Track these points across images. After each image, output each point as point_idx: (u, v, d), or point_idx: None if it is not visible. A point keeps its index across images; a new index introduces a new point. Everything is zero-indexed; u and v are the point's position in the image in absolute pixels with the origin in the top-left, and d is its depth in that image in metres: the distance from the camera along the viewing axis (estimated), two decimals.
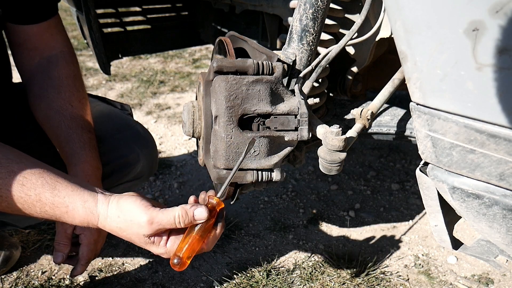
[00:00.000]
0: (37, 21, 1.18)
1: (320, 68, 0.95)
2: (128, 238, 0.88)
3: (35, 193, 0.86)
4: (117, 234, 0.89)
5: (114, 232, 0.89)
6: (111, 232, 0.89)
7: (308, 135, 0.88)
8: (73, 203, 0.87)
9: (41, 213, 0.88)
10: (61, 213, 0.87)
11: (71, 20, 5.10)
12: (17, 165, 0.87)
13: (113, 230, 0.88)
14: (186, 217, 0.86)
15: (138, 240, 0.87)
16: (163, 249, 0.88)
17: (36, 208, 0.87)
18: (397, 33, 0.68)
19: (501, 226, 0.72)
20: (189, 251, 0.85)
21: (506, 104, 0.60)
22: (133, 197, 0.88)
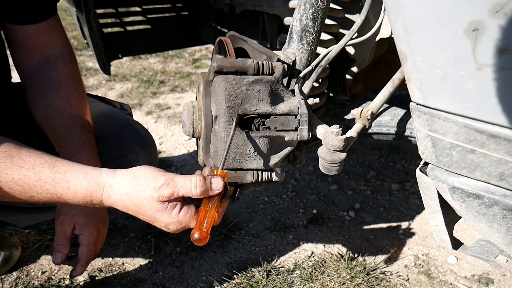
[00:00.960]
0: (35, 21, 1.18)
1: (320, 68, 0.95)
2: (138, 205, 0.82)
3: (34, 172, 0.83)
4: (124, 204, 0.84)
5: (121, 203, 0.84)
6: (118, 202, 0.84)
7: (308, 135, 0.88)
8: (75, 177, 0.84)
9: (42, 192, 0.84)
10: (62, 189, 0.84)
11: (71, 20, 5.10)
12: (14, 149, 0.85)
13: (120, 199, 0.83)
14: (204, 184, 0.81)
15: (149, 205, 0.82)
16: (175, 218, 0.84)
17: (36, 188, 0.84)
18: (397, 33, 0.68)
19: (501, 226, 0.72)
20: (209, 225, 0.82)
21: (506, 104, 0.60)
22: (147, 166, 0.86)
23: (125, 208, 0.84)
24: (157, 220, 0.85)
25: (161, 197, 0.81)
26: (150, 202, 0.82)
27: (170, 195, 0.82)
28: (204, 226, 0.82)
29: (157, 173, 0.83)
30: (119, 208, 0.85)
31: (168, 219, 0.84)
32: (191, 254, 1.65)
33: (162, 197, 0.81)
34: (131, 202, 0.83)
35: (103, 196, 0.84)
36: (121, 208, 0.84)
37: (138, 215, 0.85)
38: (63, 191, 0.84)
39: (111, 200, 0.84)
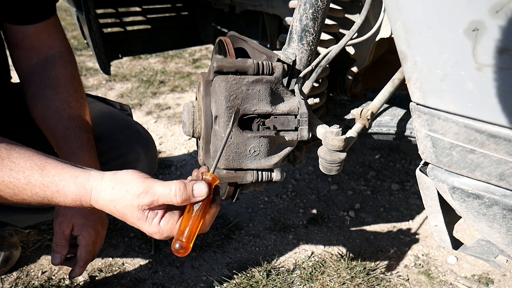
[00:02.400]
0: (34, 22, 1.18)
1: (320, 68, 0.95)
2: (121, 213, 0.81)
3: (24, 175, 0.83)
4: (110, 210, 0.82)
5: (107, 208, 0.82)
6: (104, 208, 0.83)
7: (308, 135, 0.88)
8: (63, 181, 0.83)
9: (32, 196, 0.84)
10: (52, 193, 0.83)
11: (71, 20, 5.10)
12: (5, 151, 0.84)
13: (106, 205, 0.82)
14: (184, 192, 0.78)
15: (130, 213, 0.80)
16: (155, 228, 0.81)
17: (26, 191, 0.84)
18: (397, 33, 0.68)
19: (501, 226, 0.72)
20: (192, 234, 0.78)
21: (506, 104, 0.60)
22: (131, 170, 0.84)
23: (112, 213, 0.83)
24: (141, 228, 0.83)
25: (140, 206, 0.79)
26: (131, 210, 0.80)
27: (150, 203, 0.79)
28: (185, 235, 0.77)
29: (138, 179, 0.80)
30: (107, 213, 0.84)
31: (149, 228, 0.81)
32: (191, 254, 1.65)
33: (141, 206, 0.79)
34: (115, 209, 0.81)
35: (91, 201, 0.83)
36: (108, 212, 0.83)
37: (124, 220, 0.83)
38: (53, 195, 0.84)
39: (99, 205, 0.83)
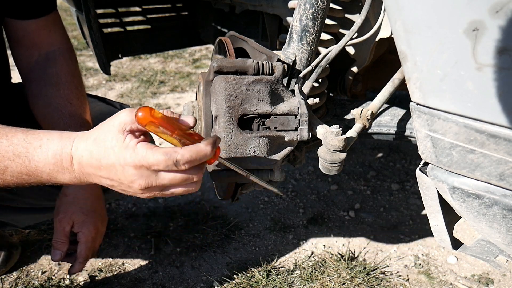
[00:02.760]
0: (35, 16, 1.18)
1: (320, 68, 0.95)
2: (100, 149, 0.72)
3: (7, 138, 0.79)
4: (89, 153, 0.74)
5: (87, 153, 0.74)
6: (82, 154, 0.74)
7: (308, 135, 0.88)
8: (48, 135, 0.78)
9: (14, 159, 0.78)
10: (34, 149, 0.77)
11: (71, 20, 5.10)
12: None
13: (85, 149, 0.74)
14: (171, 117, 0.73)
15: (110, 145, 0.72)
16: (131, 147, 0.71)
17: (9, 154, 0.78)
18: (397, 33, 0.68)
19: (501, 226, 0.72)
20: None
21: (506, 104, 0.60)
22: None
23: (90, 158, 0.73)
24: (125, 160, 0.71)
25: (122, 125, 0.72)
26: (111, 134, 0.72)
27: (132, 121, 0.72)
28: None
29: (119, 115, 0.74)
30: (84, 166, 0.75)
31: (124, 153, 0.71)
32: (191, 254, 1.65)
33: (123, 125, 0.72)
34: (96, 147, 0.73)
35: (72, 150, 0.75)
36: (87, 161, 0.74)
37: (102, 168, 0.73)
38: (34, 152, 0.77)
39: (78, 152, 0.75)
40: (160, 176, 0.71)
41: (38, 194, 1.37)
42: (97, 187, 1.20)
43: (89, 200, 1.15)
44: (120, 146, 0.71)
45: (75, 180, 0.79)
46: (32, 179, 0.80)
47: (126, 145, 0.71)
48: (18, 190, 1.34)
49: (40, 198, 1.38)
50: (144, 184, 0.71)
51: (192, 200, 1.98)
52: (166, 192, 0.75)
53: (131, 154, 0.70)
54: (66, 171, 0.77)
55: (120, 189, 0.77)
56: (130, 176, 0.71)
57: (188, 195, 2.01)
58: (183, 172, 0.72)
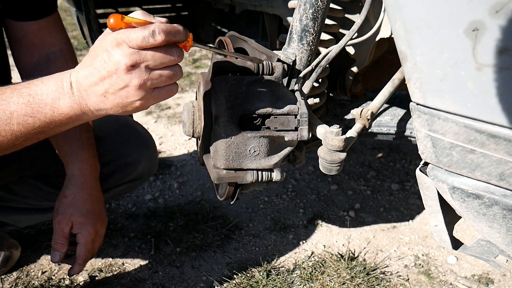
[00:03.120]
0: (36, 18, 1.18)
1: (320, 68, 0.95)
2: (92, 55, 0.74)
3: (10, 88, 0.80)
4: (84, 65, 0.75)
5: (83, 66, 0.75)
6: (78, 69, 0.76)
7: (308, 135, 0.88)
8: (49, 75, 0.80)
9: (18, 101, 0.79)
10: (36, 85, 0.79)
11: (71, 20, 5.10)
12: None
13: (81, 64, 0.76)
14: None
15: (96, 45, 0.74)
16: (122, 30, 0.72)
17: (13, 97, 0.79)
18: (397, 33, 0.68)
19: (501, 226, 0.72)
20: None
21: (506, 104, 0.60)
22: None
23: (84, 68, 0.75)
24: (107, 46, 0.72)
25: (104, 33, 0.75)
26: (98, 42, 0.74)
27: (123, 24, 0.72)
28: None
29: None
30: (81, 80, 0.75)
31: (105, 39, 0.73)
32: (191, 254, 1.65)
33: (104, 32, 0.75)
34: (87, 57, 0.76)
35: (71, 74, 0.77)
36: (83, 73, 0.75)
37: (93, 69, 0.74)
38: (37, 87, 0.79)
39: (76, 72, 0.76)
40: (142, 53, 0.72)
41: (38, 195, 1.37)
42: (97, 189, 1.19)
43: (88, 201, 1.15)
44: (103, 38, 0.73)
45: (75, 105, 0.77)
46: (36, 121, 0.80)
47: (107, 34, 0.73)
48: (19, 190, 1.34)
49: (40, 199, 1.38)
50: (129, 61, 0.71)
51: (192, 200, 1.98)
52: (154, 74, 0.74)
53: (112, 36, 0.72)
54: (66, 95, 0.77)
55: (111, 88, 0.74)
56: (115, 57, 0.71)
57: (188, 195, 2.01)
58: (163, 49, 0.73)
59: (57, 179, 1.32)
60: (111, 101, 0.75)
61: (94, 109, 0.77)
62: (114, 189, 1.40)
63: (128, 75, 0.72)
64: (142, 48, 0.71)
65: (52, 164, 1.31)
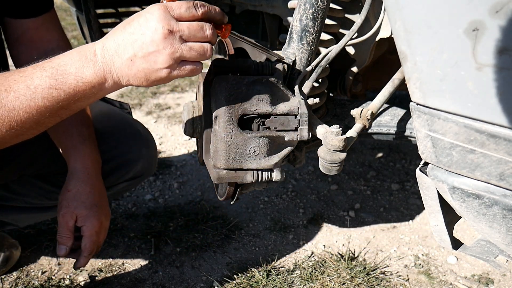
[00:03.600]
0: (33, 15, 1.18)
1: (320, 68, 0.95)
2: (127, 21, 0.76)
3: (33, 66, 0.81)
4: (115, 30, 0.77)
5: (112, 32, 0.77)
6: (107, 38, 0.78)
7: (308, 135, 0.88)
8: (69, 51, 0.81)
9: (41, 74, 0.79)
10: (58, 57, 0.80)
11: (71, 20, 5.09)
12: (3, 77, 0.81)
13: (114, 33, 0.77)
14: None
15: (146, 11, 0.75)
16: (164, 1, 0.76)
17: (36, 73, 0.79)
18: (397, 33, 0.68)
19: (501, 226, 0.72)
20: None
21: (506, 104, 0.60)
22: None
23: (114, 32, 0.77)
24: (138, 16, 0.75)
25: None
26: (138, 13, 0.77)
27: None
28: None
29: None
30: (108, 45, 0.76)
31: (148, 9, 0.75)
32: (191, 254, 1.65)
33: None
34: (120, 26, 0.77)
35: (96, 44, 0.79)
36: (111, 36, 0.77)
37: (125, 29, 0.76)
38: (59, 60, 0.80)
39: (102, 40, 0.78)
40: (179, 23, 0.74)
41: (38, 193, 1.37)
42: (100, 182, 1.19)
43: (91, 194, 1.15)
44: (146, 8, 0.75)
45: (99, 71, 0.78)
46: (61, 94, 0.79)
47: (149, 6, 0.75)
48: (19, 189, 1.34)
49: (40, 197, 1.38)
50: (168, 26, 0.73)
51: (192, 200, 1.98)
52: (185, 45, 0.75)
53: (154, 5, 0.74)
54: (90, 62, 0.77)
55: (141, 52, 0.75)
56: (153, 22, 0.73)
57: (188, 195, 2.01)
58: (199, 23, 0.76)
59: (57, 177, 1.32)
60: (137, 66, 0.76)
61: (116, 76, 0.78)
62: (114, 188, 1.40)
63: (162, 40, 0.73)
64: (182, 18, 0.74)
65: (52, 162, 1.32)
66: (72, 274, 1.54)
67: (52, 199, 1.34)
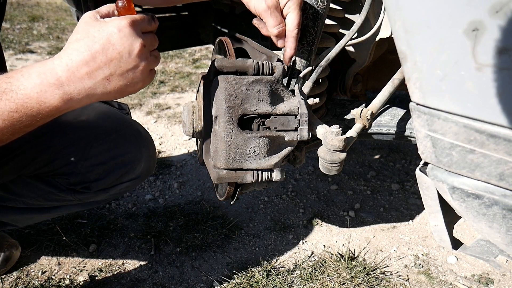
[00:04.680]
0: None
1: (320, 68, 0.95)
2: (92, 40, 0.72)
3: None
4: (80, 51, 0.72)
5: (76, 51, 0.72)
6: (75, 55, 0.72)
7: (308, 135, 0.88)
8: (27, 66, 0.76)
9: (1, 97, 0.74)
10: (17, 79, 0.74)
11: (71, 20, 5.10)
12: None
13: (73, 49, 0.72)
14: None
15: (95, 29, 0.73)
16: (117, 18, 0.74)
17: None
18: (397, 33, 0.68)
19: (501, 226, 0.72)
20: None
21: (506, 104, 0.60)
22: None
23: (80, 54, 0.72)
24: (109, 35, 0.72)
25: (92, 14, 0.75)
26: (89, 25, 0.74)
27: (97, 11, 0.77)
28: None
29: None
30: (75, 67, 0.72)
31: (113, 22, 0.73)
32: (191, 254, 1.65)
33: (99, 12, 0.77)
34: (81, 41, 0.73)
35: (55, 62, 0.73)
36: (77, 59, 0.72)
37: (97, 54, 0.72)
38: (18, 82, 0.75)
39: (63, 59, 0.72)
40: (145, 36, 0.76)
41: (37, 194, 1.37)
42: None
43: None
44: (105, 23, 0.73)
45: (66, 96, 0.74)
46: (23, 116, 0.75)
47: (109, 19, 0.75)
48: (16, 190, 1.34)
49: (39, 198, 1.38)
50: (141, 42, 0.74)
51: (192, 200, 1.98)
52: (152, 57, 0.78)
53: (120, 19, 0.73)
54: (53, 87, 0.73)
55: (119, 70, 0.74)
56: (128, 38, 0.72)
57: (188, 195, 2.01)
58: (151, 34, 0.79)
59: (55, 178, 1.32)
60: (114, 84, 0.75)
61: (86, 96, 0.75)
62: (113, 188, 1.40)
63: (139, 56, 0.74)
64: (146, 30, 0.77)
65: (50, 163, 1.31)
66: (72, 274, 1.54)
67: (50, 200, 1.34)
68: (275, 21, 0.90)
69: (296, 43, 0.91)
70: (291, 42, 0.91)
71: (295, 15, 0.90)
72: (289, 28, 0.91)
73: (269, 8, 0.90)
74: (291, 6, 0.90)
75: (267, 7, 0.90)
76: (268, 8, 0.90)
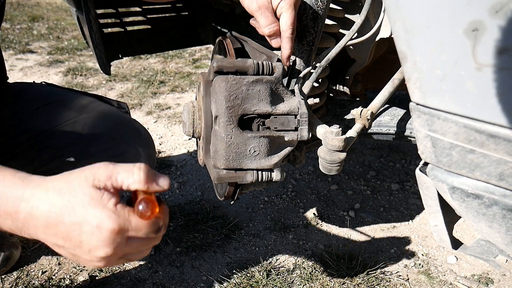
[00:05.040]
0: None
1: (320, 68, 0.95)
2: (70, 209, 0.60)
3: None
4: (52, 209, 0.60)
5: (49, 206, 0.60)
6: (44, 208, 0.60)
7: (308, 135, 0.88)
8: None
9: None
10: None
11: (71, 20, 5.10)
12: None
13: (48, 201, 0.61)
14: (150, 171, 0.64)
15: (81, 201, 0.60)
16: (111, 210, 0.60)
17: None
18: (397, 33, 0.68)
19: (500, 226, 0.72)
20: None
21: (506, 104, 0.60)
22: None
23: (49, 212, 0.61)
24: (86, 221, 0.60)
25: (96, 180, 0.61)
26: (82, 187, 0.61)
27: (107, 178, 0.62)
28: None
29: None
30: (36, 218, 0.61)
31: (101, 212, 0.60)
32: (191, 254, 1.65)
33: (97, 180, 0.62)
34: (60, 199, 0.61)
35: (24, 195, 0.62)
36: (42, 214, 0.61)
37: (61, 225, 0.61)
38: None
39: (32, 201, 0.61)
40: (129, 244, 0.62)
41: None
42: None
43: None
44: (96, 204, 0.60)
45: (15, 229, 0.64)
46: None
47: (103, 204, 0.61)
48: None
49: None
50: (111, 251, 0.60)
51: (192, 200, 1.98)
52: (119, 259, 0.64)
53: (111, 216, 0.60)
54: (8, 217, 0.62)
55: (68, 253, 0.63)
56: (99, 240, 0.60)
57: (188, 195, 2.01)
58: (150, 239, 0.64)
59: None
60: (65, 254, 0.64)
61: (39, 239, 0.64)
62: None
63: (100, 259, 0.62)
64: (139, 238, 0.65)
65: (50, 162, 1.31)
66: (72, 274, 1.54)
67: None
68: (266, 21, 0.89)
69: (292, 43, 0.90)
70: (285, 42, 0.90)
71: (288, 15, 0.89)
72: (283, 28, 0.90)
73: (260, 8, 0.89)
74: (284, 6, 0.89)
75: (258, 7, 0.89)
76: (259, 8, 0.89)
